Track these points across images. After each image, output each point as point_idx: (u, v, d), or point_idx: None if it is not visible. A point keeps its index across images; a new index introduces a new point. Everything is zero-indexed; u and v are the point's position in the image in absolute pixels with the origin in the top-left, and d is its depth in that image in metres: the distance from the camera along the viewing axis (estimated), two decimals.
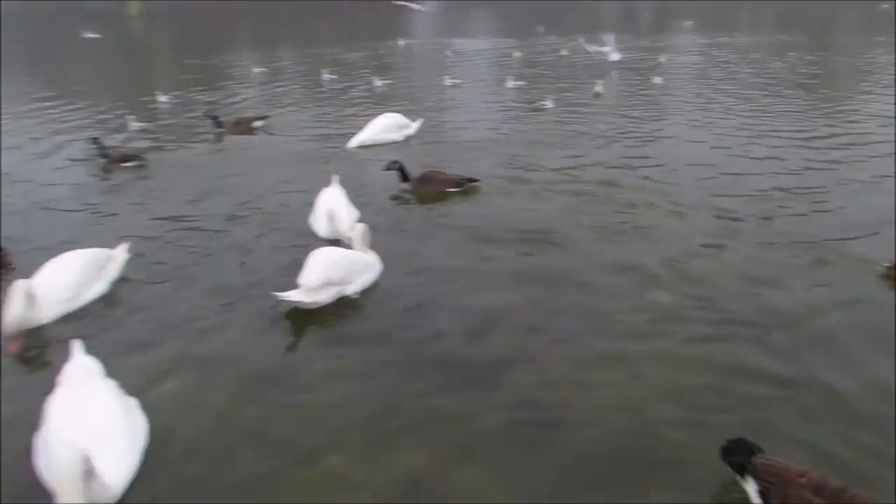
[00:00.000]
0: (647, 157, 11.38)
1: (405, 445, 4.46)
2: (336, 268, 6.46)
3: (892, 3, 47.32)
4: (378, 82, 19.96)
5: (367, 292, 6.63)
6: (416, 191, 9.59)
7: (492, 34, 40.96)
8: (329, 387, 5.16)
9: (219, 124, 14.16)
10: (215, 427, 4.67)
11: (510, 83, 18.87)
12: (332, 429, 4.63)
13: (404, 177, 9.61)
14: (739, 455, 3.87)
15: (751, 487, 3.75)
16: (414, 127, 13.12)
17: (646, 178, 10.20)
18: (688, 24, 41.06)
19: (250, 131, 14.23)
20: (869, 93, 17.32)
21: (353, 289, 6.57)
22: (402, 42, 33.36)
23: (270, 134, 14.23)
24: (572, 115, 15.05)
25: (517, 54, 26.30)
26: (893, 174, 9.82)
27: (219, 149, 13.33)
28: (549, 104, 15.67)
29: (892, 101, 15.29)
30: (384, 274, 6.92)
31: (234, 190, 10.10)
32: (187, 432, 4.60)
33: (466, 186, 9.66)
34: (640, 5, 68.85)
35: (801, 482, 3.54)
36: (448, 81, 19.67)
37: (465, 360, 5.50)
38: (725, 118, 14.52)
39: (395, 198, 9.55)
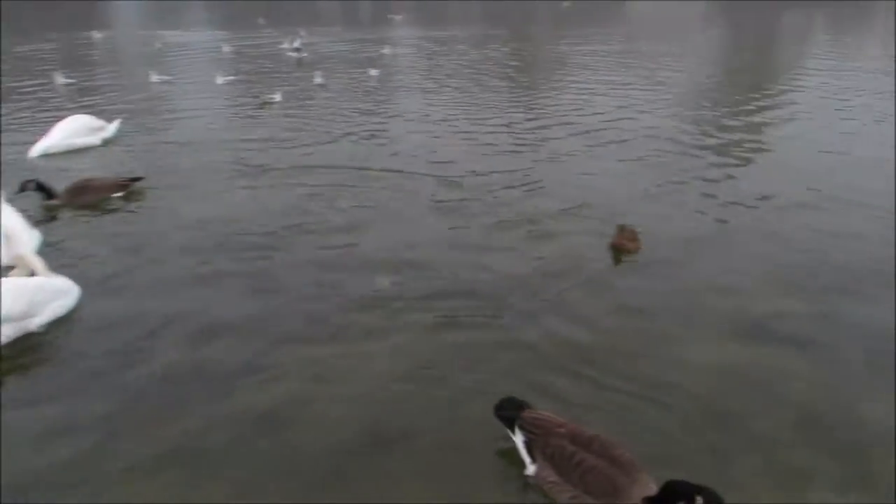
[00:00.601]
0: (372, 143, 11.70)
1: (141, 476, 4.07)
2: (16, 301, 5.50)
3: (573, 1, 54.56)
4: (62, 80, 17.44)
5: (59, 322, 5.78)
6: (73, 203, 8.53)
7: (208, 25, 38.59)
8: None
9: None
10: None
11: (220, 79, 17.86)
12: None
13: (48, 193, 8.50)
14: (510, 410, 4.18)
15: (518, 439, 4.07)
16: (111, 129, 11.72)
17: (368, 164, 10.40)
18: (398, 17, 42.76)
19: None
20: (561, 80, 19.50)
21: (39, 321, 5.65)
22: (97, 34, 29.68)
23: None
24: (297, 108, 14.78)
25: (226, 48, 24.99)
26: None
27: None
28: (277, 97, 15.25)
29: (581, 87, 17.53)
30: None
31: None
32: None
33: (132, 188, 8.91)
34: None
35: (560, 432, 3.91)
36: (154, 77, 17.97)
37: (190, 375, 5.08)
38: (441, 106, 15.31)
39: (74, 213, 8.45)
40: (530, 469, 3.97)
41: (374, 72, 19.22)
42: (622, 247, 7.08)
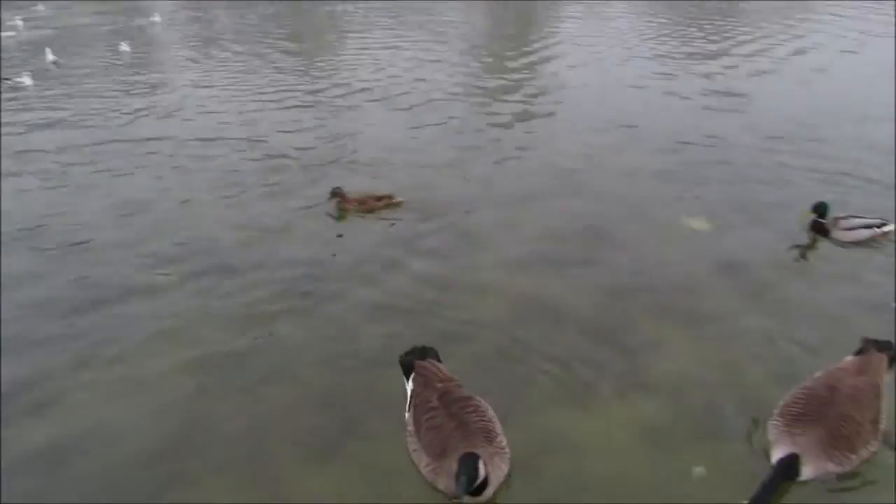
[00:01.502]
0: (134, 118, 11.04)
1: None
2: None
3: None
4: None
5: None
6: None
7: None
8: None
9: None
10: None
11: None
12: None
13: None
14: (412, 358, 4.12)
15: (409, 386, 4.04)
16: None
17: (135, 141, 9.75)
18: None
19: None
20: (336, 42, 19.24)
21: None
22: None
23: None
24: (47, 91, 13.26)
25: None
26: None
27: None
28: (26, 80, 13.63)
29: (360, 48, 17.31)
30: None
31: None
32: None
33: None
34: None
35: (437, 387, 3.86)
36: None
37: None
38: (208, 74, 14.53)
39: None
40: (406, 416, 3.95)
41: (125, 46, 17.38)
42: (344, 208, 7.26)
